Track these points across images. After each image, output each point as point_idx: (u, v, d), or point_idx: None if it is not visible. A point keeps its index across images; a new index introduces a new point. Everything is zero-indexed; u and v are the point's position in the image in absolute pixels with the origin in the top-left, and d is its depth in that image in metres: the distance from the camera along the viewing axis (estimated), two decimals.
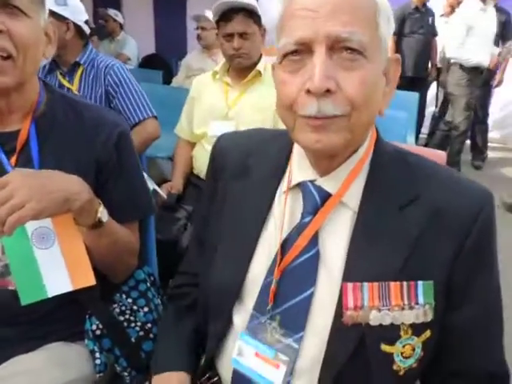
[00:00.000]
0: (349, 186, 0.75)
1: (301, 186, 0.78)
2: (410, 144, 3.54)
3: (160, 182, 3.77)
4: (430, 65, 4.88)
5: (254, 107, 1.95)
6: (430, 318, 0.72)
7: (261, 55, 2.04)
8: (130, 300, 1.08)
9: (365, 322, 0.71)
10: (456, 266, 0.71)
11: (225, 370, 0.84)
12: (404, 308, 0.71)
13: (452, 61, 4.18)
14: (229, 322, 0.82)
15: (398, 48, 4.62)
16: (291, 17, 0.67)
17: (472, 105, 4.13)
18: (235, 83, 2.01)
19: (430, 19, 4.74)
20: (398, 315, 0.71)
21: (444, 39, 4.53)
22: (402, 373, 0.73)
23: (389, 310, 0.71)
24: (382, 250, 0.71)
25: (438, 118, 4.99)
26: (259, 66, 1.98)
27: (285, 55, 0.67)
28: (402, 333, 0.71)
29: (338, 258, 0.74)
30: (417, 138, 4.82)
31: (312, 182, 0.76)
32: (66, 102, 1.04)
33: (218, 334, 0.83)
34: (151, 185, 1.69)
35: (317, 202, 0.75)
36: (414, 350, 0.72)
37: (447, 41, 4.28)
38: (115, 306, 1.06)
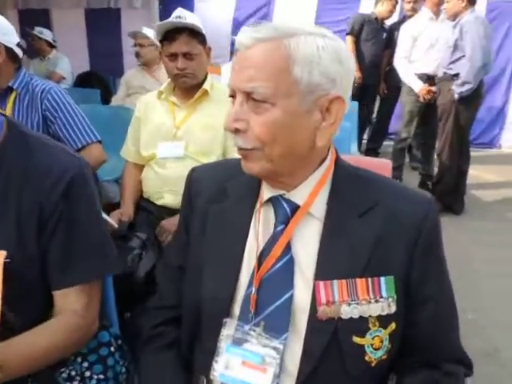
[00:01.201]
0: (314, 199, 0.86)
1: (272, 200, 0.88)
2: (353, 152, 3.66)
3: (107, 207, 3.65)
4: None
5: (202, 126, 1.91)
6: (393, 309, 0.83)
7: (206, 74, 2.01)
8: (85, 364, 0.99)
9: (337, 316, 0.81)
10: (412, 263, 0.84)
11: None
12: (370, 302, 0.82)
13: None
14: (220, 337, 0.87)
15: (358, 50, 4.86)
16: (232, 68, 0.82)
17: (414, 113, 4.28)
18: (182, 103, 1.97)
19: (384, 34, 5.00)
20: (366, 308, 0.81)
21: None
22: (373, 364, 0.83)
23: (357, 304, 0.81)
24: (348, 251, 0.83)
25: None
26: (206, 85, 1.95)
27: (230, 96, 0.83)
28: (370, 325, 0.82)
29: (310, 261, 0.84)
30: (360, 144, 5.02)
31: (281, 196, 0.87)
32: (23, 140, 0.94)
33: (211, 351, 0.86)
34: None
35: (287, 212, 0.86)
36: (382, 342, 0.83)
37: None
38: (63, 370, 0.97)
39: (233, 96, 0.81)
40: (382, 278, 0.82)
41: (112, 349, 1.06)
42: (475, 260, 3.20)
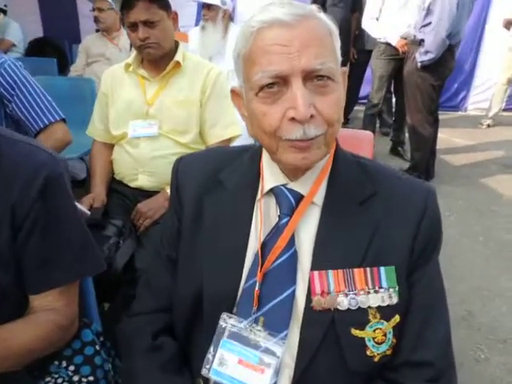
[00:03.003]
0: (318, 188, 0.83)
1: (274, 190, 0.85)
2: None
3: (73, 184, 3.47)
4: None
5: (176, 102, 1.78)
6: (395, 300, 0.79)
7: (177, 43, 1.86)
8: (71, 368, 0.92)
9: (333, 307, 0.78)
10: (413, 251, 0.80)
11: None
12: (369, 292, 0.78)
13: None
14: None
15: None
16: (264, 52, 0.73)
17: (384, 78, 4.22)
18: (152, 76, 1.82)
19: None
20: (365, 299, 0.78)
21: None
22: (376, 359, 0.79)
23: (355, 294, 0.78)
24: (345, 240, 0.80)
25: None
26: (177, 56, 1.80)
27: (261, 87, 0.74)
28: (370, 317, 0.78)
29: (309, 251, 0.81)
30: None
31: (284, 185, 0.84)
32: None
33: (208, 346, 0.82)
34: None
35: (292, 203, 0.83)
36: (385, 335, 0.79)
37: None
38: (48, 379, 0.90)
39: (272, 84, 0.73)
40: (382, 268, 0.79)
41: (97, 347, 1.02)
42: (445, 225, 3.25)
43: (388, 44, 4.10)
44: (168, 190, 1.72)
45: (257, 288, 0.80)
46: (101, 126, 1.91)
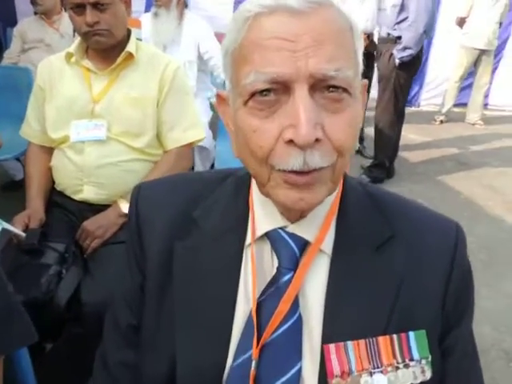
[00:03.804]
0: (327, 231, 0.64)
1: (270, 235, 0.64)
2: None
3: (9, 186, 3.08)
4: None
5: (128, 100, 1.52)
6: (428, 375, 0.62)
7: (129, 31, 1.60)
8: None
9: None
10: (446, 303, 0.64)
11: None
12: (398, 367, 0.61)
13: None
14: None
15: None
16: (259, 46, 0.53)
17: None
18: (100, 69, 1.55)
19: None
20: (394, 378, 0.61)
21: None
22: None
23: (382, 372, 0.61)
24: (364, 298, 0.62)
25: None
26: (130, 47, 1.54)
27: (252, 94, 0.54)
28: None
29: (318, 316, 0.63)
30: None
31: (283, 229, 0.64)
32: None
33: None
34: None
35: (295, 252, 0.63)
36: None
37: None
38: None
39: (268, 91, 0.53)
40: (412, 334, 0.62)
41: None
42: None
43: None
44: (121, 204, 1.47)
45: (253, 367, 0.60)
46: (37, 127, 1.62)
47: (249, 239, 0.66)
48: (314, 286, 0.63)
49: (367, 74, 4.31)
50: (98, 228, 1.43)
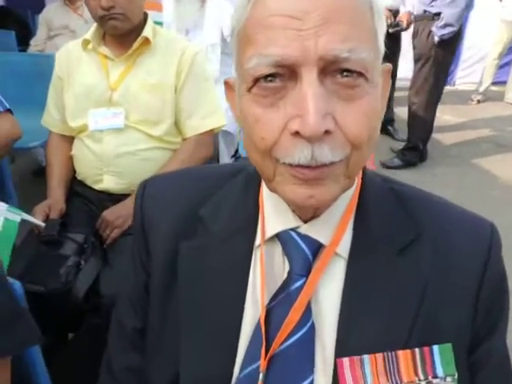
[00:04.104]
0: (344, 231, 0.59)
1: (280, 236, 0.59)
2: None
3: (39, 172, 3.14)
4: None
5: (146, 87, 1.49)
6: None
7: (146, 15, 1.55)
8: None
9: None
10: (477, 311, 0.58)
11: None
12: None
13: None
14: None
15: None
16: (263, 26, 0.48)
17: None
18: (116, 55, 1.51)
19: None
20: None
21: None
22: None
23: None
24: (383, 307, 0.56)
25: None
26: (146, 31, 1.50)
27: (256, 79, 0.48)
28: None
29: (332, 325, 0.57)
30: None
31: (295, 230, 0.58)
32: None
33: None
34: (15, 215, 1.19)
35: (308, 257, 0.58)
36: None
37: None
38: None
39: (273, 76, 0.47)
40: (436, 348, 0.56)
41: None
42: None
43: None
44: None
45: (260, 380, 0.55)
46: (57, 116, 1.61)
47: (258, 240, 0.61)
48: (328, 293, 0.58)
49: (393, 54, 4.15)
50: (118, 218, 1.42)
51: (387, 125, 4.36)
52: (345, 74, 0.47)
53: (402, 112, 4.32)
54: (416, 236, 0.59)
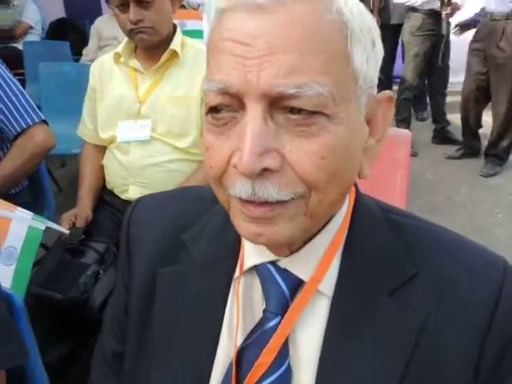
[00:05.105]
0: (328, 267, 0.54)
1: (258, 269, 0.55)
2: None
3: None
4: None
5: (172, 99, 1.50)
6: None
7: (175, 27, 1.57)
8: None
9: None
10: (480, 371, 0.50)
11: None
12: None
13: (407, 3, 3.73)
14: None
15: None
16: (215, 50, 0.45)
17: (420, 57, 3.76)
18: (146, 68, 1.54)
19: None
20: None
21: None
22: None
23: None
24: (370, 352, 0.51)
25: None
26: (174, 44, 1.51)
27: (210, 108, 0.46)
28: None
29: (310, 371, 0.52)
30: None
31: (274, 263, 0.54)
32: None
33: None
34: (39, 223, 1.24)
35: (284, 294, 0.53)
36: None
37: None
38: None
39: (222, 105, 0.45)
40: None
41: None
42: (492, 224, 2.88)
43: (427, 15, 3.62)
44: None
45: None
46: (90, 126, 1.67)
47: (237, 271, 0.58)
48: (308, 334, 0.53)
49: (444, 57, 3.94)
50: None
51: (443, 133, 4.15)
52: (297, 113, 0.42)
53: (455, 117, 4.12)
54: (411, 276, 0.52)
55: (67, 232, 1.37)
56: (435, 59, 3.82)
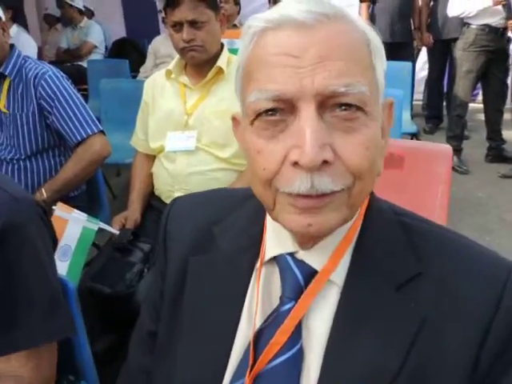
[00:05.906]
0: (339, 261, 0.60)
1: (278, 260, 0.62)
2: (405, 121, 3.22)
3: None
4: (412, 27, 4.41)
5: (216, 113, 1.61)
6: None
7: (222, 46, 1.69)
8: None
9: None
10: (480, 358, 0.53)
11: None
12: None
13: (461, 16, 3.66)
14: None
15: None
16: (264, 64, 0.52)
17: (473, 74, 3.69)
18: (194, 84, 1.67)
19: None
20: None
21: None
22: None
23: None
24: (374, 339, 0.55)
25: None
26: (221, 61, 1.63)
27: (258, 114, 0.52)
28: None
29: (319, 352, 0.57)
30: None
31: (292, 254, 0.61)
32: None
33: None
34: (93, 224, 1.37)
35: (299, 281, 0.59)
36: None
37: None
38: None
39: (273, 110, 0.51)
40: None
41: None
42: None
43: (481, 31, 3.55)
44: None
45: None
46: (142, 136, 1.81)
47: (259, 262, 0.65)
48: (319, 318, 0.59)
49: (504, 75, 3.82)
50: None
51: (501, 152, 4.02)
52: (343, 107, 0.50)
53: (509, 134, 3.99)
54: (417, 274, 0.57)
55: (117, 232, 1.50)
56: (491, 76, 3.72)
